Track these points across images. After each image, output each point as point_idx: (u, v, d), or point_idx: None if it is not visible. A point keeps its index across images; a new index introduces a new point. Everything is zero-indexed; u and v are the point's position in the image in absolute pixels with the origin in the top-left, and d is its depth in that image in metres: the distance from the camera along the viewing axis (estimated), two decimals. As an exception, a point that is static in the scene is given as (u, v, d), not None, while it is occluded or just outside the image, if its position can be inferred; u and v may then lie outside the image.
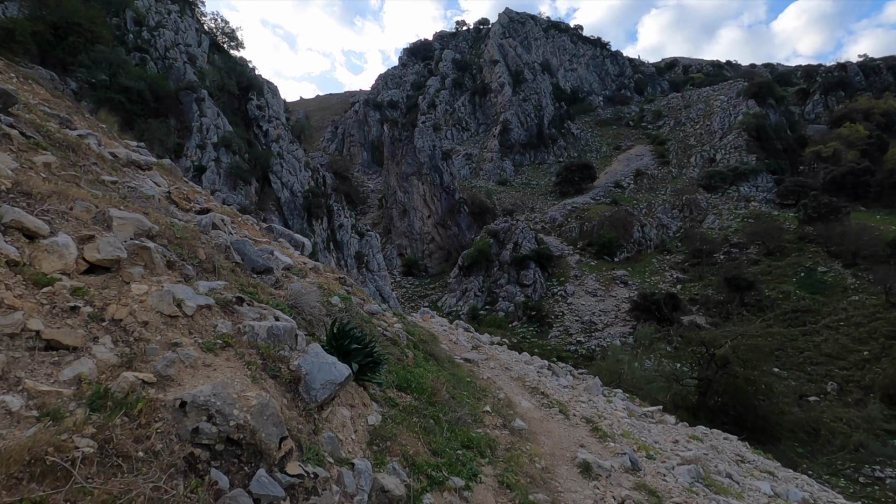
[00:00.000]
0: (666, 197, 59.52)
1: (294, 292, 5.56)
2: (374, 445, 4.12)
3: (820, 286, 39.02)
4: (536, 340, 39.35)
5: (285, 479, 2.83)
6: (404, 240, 65.20)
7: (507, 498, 4.42)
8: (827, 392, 29.70)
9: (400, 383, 6.11)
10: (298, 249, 10.41)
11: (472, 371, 10.47)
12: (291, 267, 7.56)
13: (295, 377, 3.54)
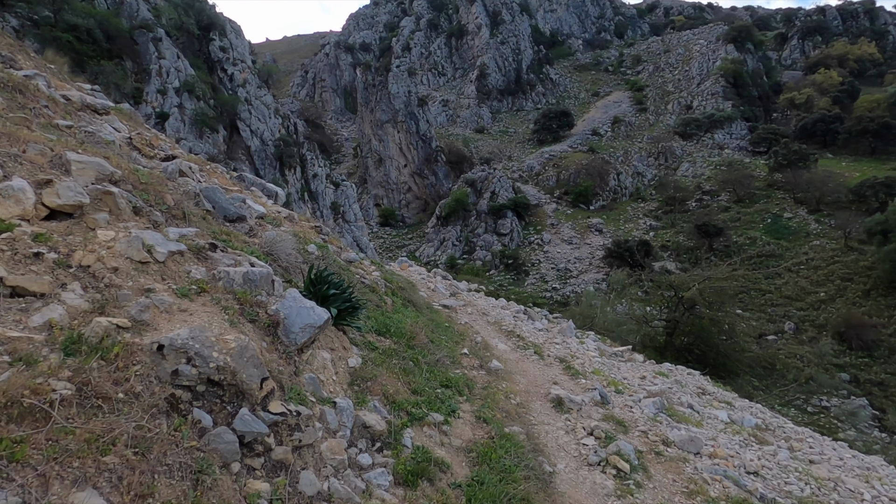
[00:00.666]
0: (642, 144, 59.66)
1: (269, 240, 5.48)
2: (354, 386, 4.24)
3: (785, 232, 40.48)
4: (513, 288, 40.20)
5: (268, 417, 2.90)
6: (381, 190, 64.31)
7: (484, 431, 4.65)
8: (784, 331, 31.55)
9: (379, 328, 6.21)
10: (272, 199, 10.18)
11: (451, 317, 10.70)
12: (265, 216, 7.41)
13: (273, 321, 3.56)
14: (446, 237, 50.18)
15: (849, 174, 44.44)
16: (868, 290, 32.54)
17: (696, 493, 4.11)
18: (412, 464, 3.60)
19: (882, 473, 5.89)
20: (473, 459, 4.07)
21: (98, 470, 1.96)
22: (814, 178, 42.29)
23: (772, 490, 4.46)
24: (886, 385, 26.51)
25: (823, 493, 4.66)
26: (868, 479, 5.26)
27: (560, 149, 60.21)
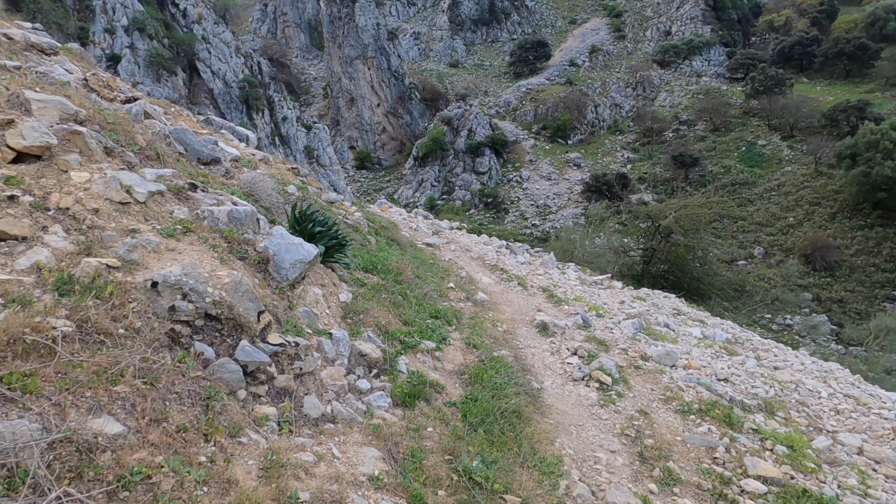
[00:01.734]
0: (620, 74, 58.44)
1: (247, 181, 5.37)
2: (347, 319, 4.34)
3: (758, 159, 41.09)
4: (493, 226, 40.47)
5: (268, 348, 2.99)
6: (354, 131, 62.37)
7: (474, 356, 4.87)
8: (754, 256, 32.88)
9: (365, 265, 6.28)
10: (243, 142, 9.83)
11: (434, 254, 10.82)
12: (239, 158, 7.19)
13: (263, 258, 3.57)
14: (424, 178, 49.59)
15: (823, 98, 44.64)
16: (834, 213, 33.77)
17: (672, 399, 4.46)
18: (409, 387, 3.78)
19: (838, 375, 6.43)
20: (466, 381, 4.29)
21: (111, 398, 2.03)
22: (789, 104, 42.40)
23: (740, 393, 4.86)
24: (845, 302, 28.24)
25: (786, 393, 5.10)
26: (826, 380, 5.75)
27: (537, 82, 58.65)
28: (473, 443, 3.26)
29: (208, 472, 2.05)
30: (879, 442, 4.29)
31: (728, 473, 3.33)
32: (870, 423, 4.62)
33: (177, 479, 1.90)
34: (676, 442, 3.75)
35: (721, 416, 4.16)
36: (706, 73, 56.42)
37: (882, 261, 29.89)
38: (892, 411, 4.97)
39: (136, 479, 1.79)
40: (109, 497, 1.71)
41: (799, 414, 4.68)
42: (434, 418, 3.54)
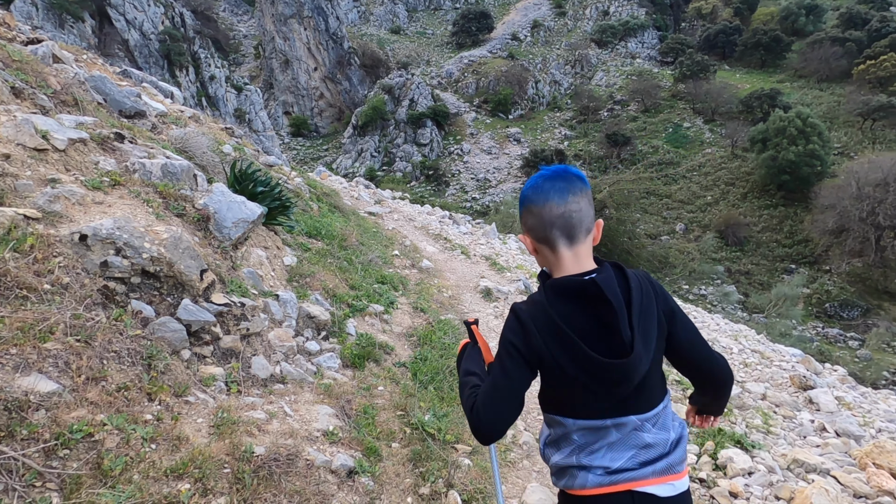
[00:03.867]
0: (560, 52, 59.42)
1: (180, 137, 4.99)
2: (293, 282, 4.23)
3: (683, 141, 43.72)
4: (434, 199, 40.46)
5: (213, 308, 2.86)
6: (289, 96, 59.29)
7: (422, 319, 4.93)
8: (676, 231, 35.34)
9: (309, 231, 6.10)
10: (168, 98, 9.09)
11: (378, 223, 10.70)
12: (167, 114, 6.67)
13: (203, 216, 3.37)
14: (364, 148, 48.35)
15: (741, 86, 47.95)
16: (746, 193, 36.85)
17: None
18: (358, 348, 3.77)
19: (747, 334, 7.16)
20: (414, 342, 4.34)
21: (41, 356, 1.87)
22: (711, 90, 45.19)
23: (665, 350, 5.29)
24: (751, 274, 31.21)
25: (703, 349, 5.62)
26: (737, 338, 6.38)
27: (479, 54, 58.33)
28: (424, 399, 3.33)
29: (155, 429, 1.96)
30: (779, 389, 4.85)
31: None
32: (771, 374, 5.21)
33: (122, 437, 1.80)
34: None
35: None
36: (640, 56, 58.68)
37: (783, 237, 33.19)
38: (790, 363, 5.62)
39: (76, 437, 1.67)
40: (48, 455, 1.59)
41: (714, 367, 5.19)
42: (384, 378, 3.57)
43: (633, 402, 1.21)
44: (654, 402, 1.25)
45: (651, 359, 1.20)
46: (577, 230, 1.25)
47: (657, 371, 1.26)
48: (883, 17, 50.16)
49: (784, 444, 3.59)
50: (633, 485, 1.19)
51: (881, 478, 3.07)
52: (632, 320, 1.18)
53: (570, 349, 1.17)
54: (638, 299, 1.20)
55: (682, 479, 1.24)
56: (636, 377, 1.18)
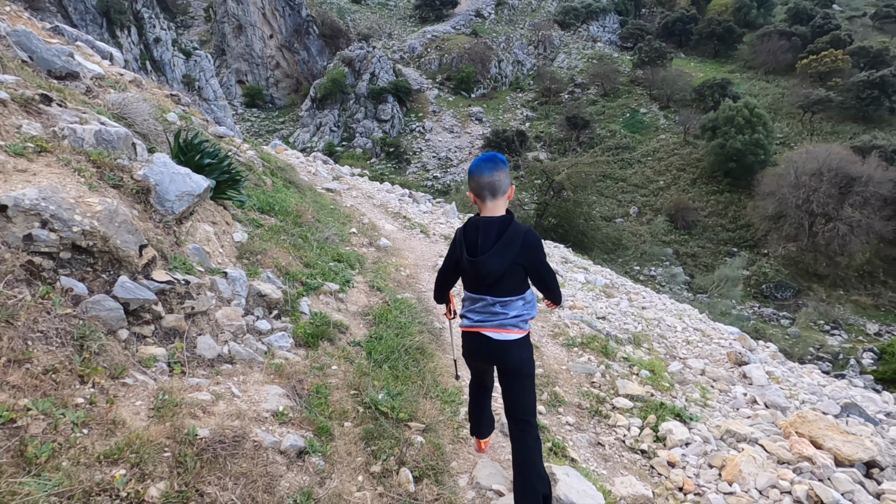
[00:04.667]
0: (524, 31, 59.21)
1: (117, 102, 4.64)
2: (244, 259, 4.07)
3: (639, 126, 44.88)
4: (395, 177, 39.96)
5: (153, 285, 2.71)
6: (243, 64, 56.46)
7: (379, 297, 4.89)
8: (629, 214, 36.53)
9: (262, 206, 5.88)
10: (106, 60, 8.46)
11: (335, 200, 10.45)
12: (104, 77, 6.19)
13: (143, 188, 3.16)
14: (323, 122, 46.90)
15: (695, 74, 49.48)
16: (695, 178, 38.42)
17: (560, 335, 4.90)
18: (312, 327, 3.69)
19: (690, 313, 7.54)
20: (370, 321, 4.30)
21: (-48, 336, 1.71)
22: (667, 77, 46.42)
23: (615, 328, 5.49)
24: (697, 256, 32.80)
25: (650, 328, 5.87)
26: (681, 317, 6.71)
27: (443, 29, 57.28)
28: (378, 378, 3.32)
29: (88, 413, 1.85)
30: (717, 365, 5.15)
31: (603, 394, 3.79)
32: (711, 351, 5.52)
33: (49, 422, 1.69)
34: (562, 370, 4.16)
35: (599, 348, 4.68)
36: (601, 40, 59.33)
37: (727, 222, 34.96)
38: (727, 341, 5.97)
39: (-5, 423, 1.55)
40: (-39, 443, 1.47)
41: (660, 345, 5.44)
42: (339, 357, 3.52)
43: (492, 290, 2.20)
44: (505, 294, 2.20)
45: (504, 271, 2.13)
46: (497, 192, 2.17)
47: (511, 280, 2.18)
48: (826, 13, 52.77)
49: (719, 416, 3.83)
50: (481, 329, 2.25)
51: (802, 445, 3.33)
52: (491, 244, 2.13)
53: (461, 251, 2.23)
54: (504, 238, 2.12)
55: (510, 334, 2.23)
56: (487, 275, 2.15)
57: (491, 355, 2.30)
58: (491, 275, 2.13)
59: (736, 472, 2.96)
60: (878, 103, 39.47)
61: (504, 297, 2.19)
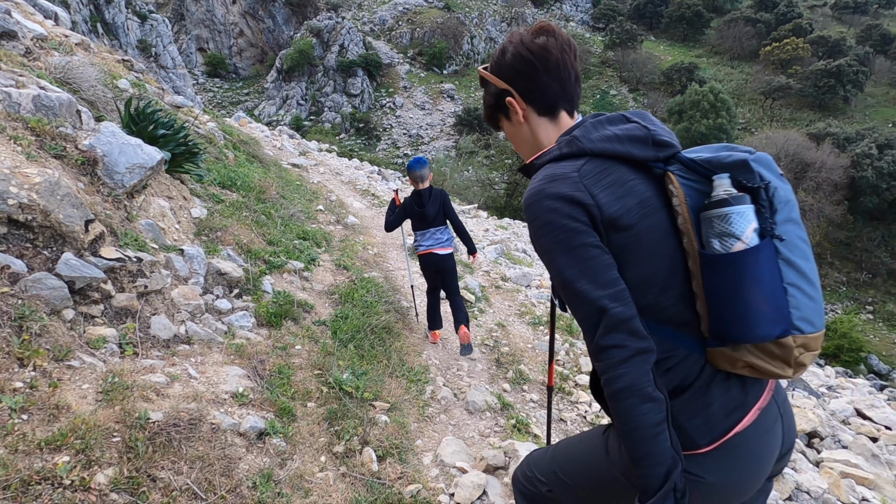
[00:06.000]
0: (497, 7, 58.39)
1: (61, 65, 4.31)
2: (202, 236, 3.91)
3: (609, 108, 45.34)
4: (364, 153, 39.26)
5: (102, 263, 2.56)
6: (204, 30, 53.73)
7: (345, 276, 4.81)
8: (597, 195, 37.18)
9: (223, 181, 5.65)
10: (50, 20, 7.87)
11: (302, 176, 10.17)
12: (47, 38, 5.75)
13: (89, 158, 2.96)
14: (290, 95, 45.39)
15: (664, 57, 50.16)
16: (661, 161, 39.31)
17: (526, 313, 4.96)
18: (275, 307, 3.60)
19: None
20: (336, 300, 4.23)
21: None
22: (637, 59, 46.91)
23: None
24: (660, 237, 33.81)
25: (614, 307, 6.03)
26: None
27: (415, 2, 55.88)
28: (343, 357, 3.28)
29: (28, 398, 1.74)
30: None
31: (566, 372, 3.87)
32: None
33: (-18, 408, 1.58)
34: (527, 349, 4.22)
35: (564, 327, 4.77)
36: (573, 19, 59.18)
37: (690, 204, 36.06)
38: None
39: (-81, 411, 1.44)
40: None
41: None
42: (303, 336, 3.45)
43: (432, 223, 3.94)
44: (440, 225, 3.98)
45: (436, 213, 3.93)
46: (425, 178, 3.90)
47: (440, 217, 3.96)
48: (790, 2, 54.07)
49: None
50: (431, 250, 3.96)
51: (751, 418, 3.50)
52: (427, 201, 3.90)
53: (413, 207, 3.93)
54: (433, 196, 3.92)
55: (447, 250, 3.99)
56: (430, 217, 3.91)
57: (439, 264, 3.98)
58: (432, 215, 3.91)
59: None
60: (833, 92, 41.07)
61: (440, 227, 3.98)
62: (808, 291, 0.96)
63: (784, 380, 1.02)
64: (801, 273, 0.95)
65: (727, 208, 0.95)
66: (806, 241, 0.98)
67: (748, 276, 0.93)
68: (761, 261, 0.93)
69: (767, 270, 0.93)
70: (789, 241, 0.95)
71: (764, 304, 0.93)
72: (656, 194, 1.03)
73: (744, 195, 0.95)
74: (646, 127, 1.06)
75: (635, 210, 1.00)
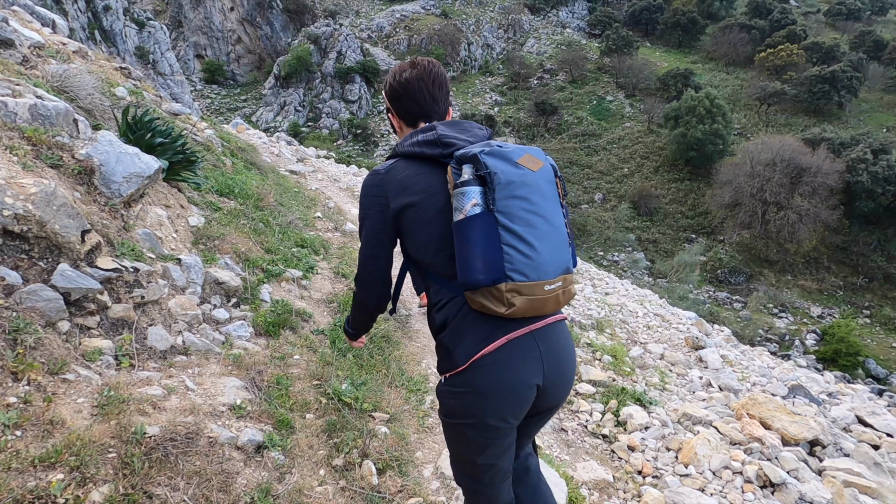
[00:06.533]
0: (494, 14, 58.74)
1: (58, 73, 4.30)
2: (200, 245, 3.89)
3: (605, 113, 45.55)
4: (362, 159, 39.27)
5: (98, 273, 2.54)
6: (202, 37, 53.87)
7: (344, 284, 4.78)
8: (594, 200, 37.24)
9: (220, 189, 5.63)
10: (48, 27, 7.87)
11: (300, 182, 10.16)
12: (44, 46, 5.74)
13: (86, 168, 2.94)
14: (287, 101, 45.48)
15: (660, 63, 50.45)
16: (658, 166, 39.44)
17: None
18: (273, 316, 3.58)
19: (651, 299, 7.76)
20: (335, 309, 4.20)
21: None
22: (634, 65, 47.15)
23: (579, 315, 5.58)
24: (658, 242, 33.85)
25: (613, 313, 6.00)
26: (642, 303, 6.89)
27: (412, 9, 56.19)
28: (342, 367, 3.25)
29: (21, 414, 1.71)
30: (675, 349, 5.33)
31: (567, 380, 3.85)
32: (670, 336, 5.69)
33: (-25, 425, 1.55)
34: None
35: (564, 334, 4.75)
36: (570, 26, 59.57)
37: (686, 209, 36.15)
38: (685, 326, 6.17)
39: (-90, 429, 1.41)
40: None
41: (622, 330, 5.57)
42: (301, 346, 3.42)
43: None
44: None
45: None
46: None
47: None
48: (784, 8, 54.57)
49: (677, 400, 3.96)
50: None
51: (752, 426, 3.48)
52: None
53: None
54: None
55: None
56: None
57: None
58: None
59: (692, 455, 3.07)
60: (827, 98, 41.35)
61: None
62: (524, 251, 1.26)
63: (504, 316, 1.28)
64: (518, 237, 1.25)
65: (458, 189, 1.27)
66: (536, 213, 1.28)
67: (466, 238, 1.25)
68: (476, 227, 1.24)
69: (481, 235, 1.24)
70: (511, 213, 1.25)
71: (477, 260, 1.24)
72: (441, 181, 1.38)
73: (471, 179, 1.26)
74: (437, 132, 1.41)
75: (420, 193, 1.38)
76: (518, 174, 1.28)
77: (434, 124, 1.46)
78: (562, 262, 1.34)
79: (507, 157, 1.29)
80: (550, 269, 1.30)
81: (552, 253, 1.31)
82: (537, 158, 1.36)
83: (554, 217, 1.34)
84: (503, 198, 1.24)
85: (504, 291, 1.24)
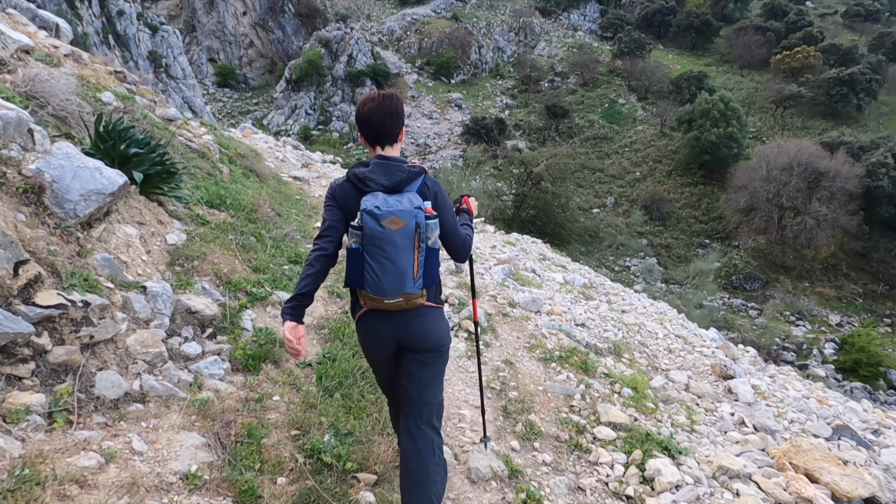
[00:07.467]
0: (504, 17, 58.35)
1: (29, 77, 3.97)
2: (175, 266, 3.52)
3: (617, 117, 44.86)
4: (371, 162, 39.04)
5: (35, 312, 2.17)
6: (215, 41, 54.17)
7: (338, 306, 4.40)
8: (606, 205, 36.59)
9: (211, 200, 5.28)
10: (50, 32, 7.64)
11: (302, 189, 9.82)
12: (32, 49, 5.45)
13: (34, 186, 2.58)
14: (299, 104, 45.45)
15: (673, 66, 49.65)
16: (671, 170, 38.68)
17: (537, 347, 4.51)
18: (253, 347, 3.20)
19: (670, 317, 7.27)
20: (325, 336, 3.82)
21: None
22: (646, 68, 46.42)
23: (594, 337, 5.14)
24: (671, 247, 33.11)
25: (631, 335, 5.54)
26: (662, 322, 6.42)
27: (423, 12, 56.02)
28: (327, 412, 2.85)
29: None
30: (700, 377, 4.86)
31: (583, 421, 3.41)
32: (693, 361, 5.22)
33: None
34: (538, 392, 3.77)
35: (578, 363, 4.31)
36: (581, 28, 58.99)
37: (700, 214, 35.36)
38: (710, 349, 5.69)
39: None
40: None
41: (641, 354, 5.11)
42: (283, 384, 3.04)
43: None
44: None
45: None
46: None
47: None
48: (799, 10, 53.50)
49: (707, 444, 3.51)
50: None
51: (799, 483, 3.02)
52: None
53: None
54: None
55: None
56: None
57: None
58: None
59: (731, 521, 2.62)
60: (846, 100, 40.32)
61: None
62: (373, 278, 1.91)
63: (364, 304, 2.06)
64: (372, 269, 1.89)
65: (351, 227, 1.95)
66: (386, 258, 1.89)
67: (348, 258, 1.96)
68: (352, 256, 1.93)
69: (354, 260, 1.93)
70: (371, 254, 1.88)
71: (350, 274, 1.97)
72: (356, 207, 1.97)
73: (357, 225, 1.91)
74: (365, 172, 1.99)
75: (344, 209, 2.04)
76: (380, 232, 1.85)
77: (371, 161, 2.04)
78: (399, 289, 1.93)
79: (377, 218, 1.85)
80: (389, 291, 1.92)
81: (392, 283, 1.91)
82: (400, 220, 1.86)
83: (399, 261, 1.89)
84: (367, 244, 1.88)
85: (360, 293, 2.01)
